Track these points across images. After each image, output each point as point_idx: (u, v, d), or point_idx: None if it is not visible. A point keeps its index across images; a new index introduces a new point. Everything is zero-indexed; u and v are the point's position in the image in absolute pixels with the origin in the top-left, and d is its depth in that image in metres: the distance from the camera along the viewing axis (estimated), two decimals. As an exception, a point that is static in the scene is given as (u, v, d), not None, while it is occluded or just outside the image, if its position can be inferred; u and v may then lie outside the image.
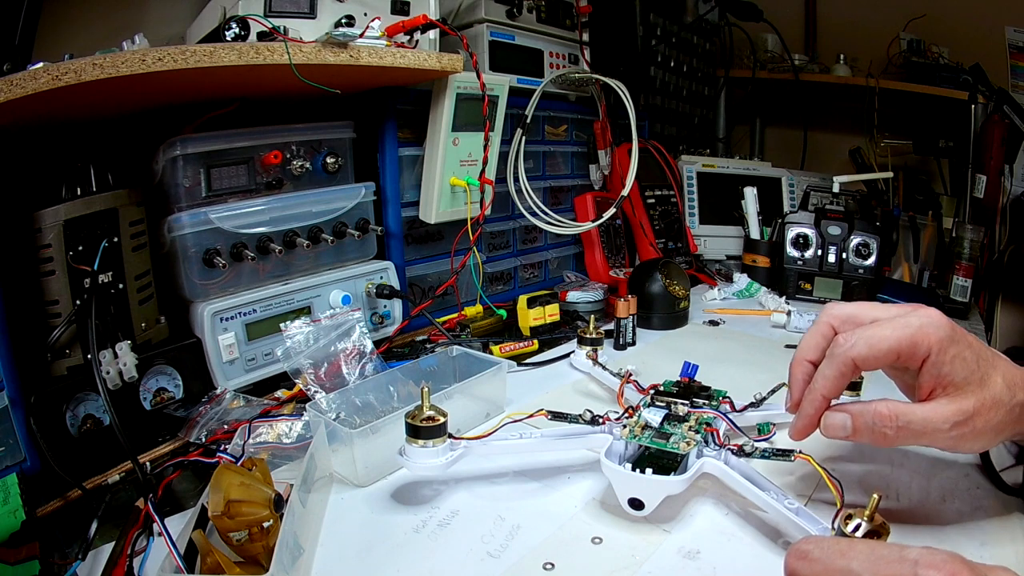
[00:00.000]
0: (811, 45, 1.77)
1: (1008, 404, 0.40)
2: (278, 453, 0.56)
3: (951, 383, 0.41)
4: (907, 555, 0.27)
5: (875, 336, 0.42)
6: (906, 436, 0.41)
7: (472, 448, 0.50)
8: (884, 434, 0.41)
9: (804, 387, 0.45)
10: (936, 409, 0.41)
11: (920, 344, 0.41)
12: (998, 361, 0.42)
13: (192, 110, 0.70)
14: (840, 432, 0.43)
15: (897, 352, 0.41)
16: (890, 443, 0.42)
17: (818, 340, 0.46)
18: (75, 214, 0.56)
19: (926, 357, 0.41)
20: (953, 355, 0.41)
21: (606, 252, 1.15)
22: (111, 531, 0.47)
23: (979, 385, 0.41)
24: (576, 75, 1.08)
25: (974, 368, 0.41)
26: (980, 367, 0.41)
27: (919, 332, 0.41)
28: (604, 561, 0.42)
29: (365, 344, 0.69)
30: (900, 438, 0.41)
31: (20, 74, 0.47)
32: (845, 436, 0.43)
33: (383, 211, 0.87)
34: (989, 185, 1.26)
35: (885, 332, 0.42)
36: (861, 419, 0.42)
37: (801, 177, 1.41)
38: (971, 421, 0.40)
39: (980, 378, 0.41)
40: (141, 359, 0.60)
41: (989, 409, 0.40)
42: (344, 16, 0.73)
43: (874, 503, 0.34)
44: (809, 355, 0.46)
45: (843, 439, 0.43)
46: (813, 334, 0.46)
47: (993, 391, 0.40)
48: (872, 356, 0.42)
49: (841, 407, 0.44)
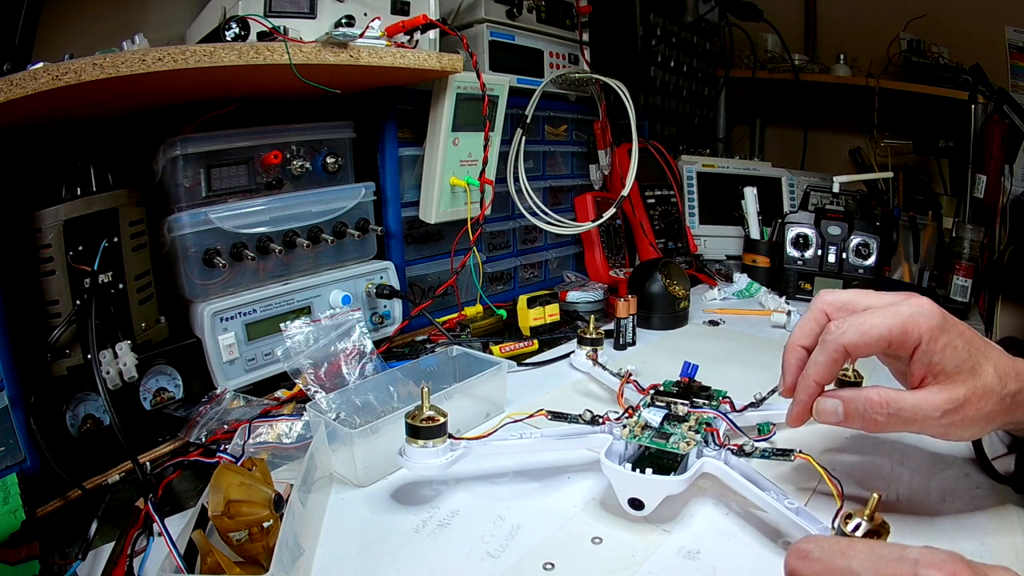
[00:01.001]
0: (811, 45, 1.77)
1: (999, 394, 0.41)
2: (278, 453, 0.56)
3: (942, 371, 0.41)
4: (907, 555, 0.27)
5: (866, 324, 0.43)
6: (896, 422, 0.42)
7: (472, 448, 0.50)
8: (875, 420, 0.42)
9: (797, 372, 0.46)
10: (927, 397, 0.41)
11: (910, 332, 0.41)
12: (990, 351, 0.42)
13: (192, 110, 0.70)
14: (832, 417, 0.44)
15: (888, 340, 0.42)
16: (880, 429, 0.43)
17: (811, 326, 0.46)
18: (75, 214, 0.56)
19: (917, 345, 0.41)
20: (944, 344, 0.41)
21: (606, 252, 1.15)
22: (111, 531, 0.47)
23: (970, 374, 0.41)
24: (576, 75, 1.08)
25: (965, 357, 0.41)
26: (972, 356, 0.41)
27: (910, 320, 0.42)
28: (604, 561, 0.42)
29: (365, 344, 0.69)
30: (891, 424, 0.42)
31: (20, 74, 0.47)
32: (836, 421, 0.44)
33: (383, 211, 0.87)
34: (989, 185, 1.26)
35: (876, 320, 0.43)
36: (852, 405, 0.43)
37: (801, 177, 1.41)
38: (962, 409, 0.41)
39: (972, 367, 0.41)
40: (141, 359, 0.60)
41: (980, 398, 0.41)
42: (344, 16, 0.73)
43: (874, 502, 0.34)
44: (802, 341, 0.46)
45: (835, 424, 0.44)
46: (807, 320, 0.47)
47: (984, 380, 0.41)
48: (863, 343, 0.42)
49: (833, 393, 0.44)
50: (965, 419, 0.41)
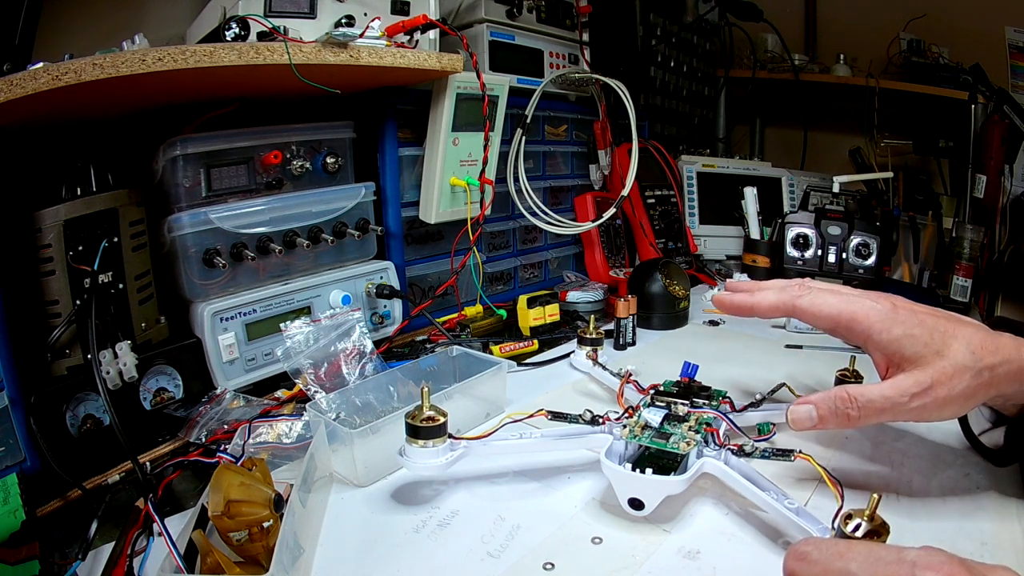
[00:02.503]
0: (811, 45, 1.76)
1: (974, 369, 0.41)
2: (278, 453, 0.56)
3: (903, 359, 0.42)
4: (905, 556, 0.27)
5: (821, 298, 0.46)
6: (870, 414, 0.43)
7: (472, 448, 0.50)
8: (848, 415, 0.43)
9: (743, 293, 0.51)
10: (893, 385, 0.42)
11: (859, 321, 0.43)
12: (961, 329, 0.43)
13: (192, 110, 0.70)
14: (807, 422, 0.45)
15: (835, 321, 0.45)
16: (856, 424, 0.44)
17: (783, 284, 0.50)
18: (75, 214, 0.56)
19: (867, 338, 0.43)
20: (898, 335, 0.42)
21: (606, 252, 1.15)
22: (111, 531, 0.47)
23: (936, 356, 0.42)
24: (576, 75, 1.08)
25: (927, 341, 0.42)
26: (935, 339, 0.42)
27: (861, 310, 0.44)
28: (604, 561, 0.42)
29: (365, 344, 0.69)
30: (866, 417, 0.43)
31: (20, 74, 0.47)
32: (813, 426, 0.45)
33: (383, 211, 0.87)
34: (989, 185, 1.26)
35: (832, 300, 0.45)
36: (824, 406, 0.44)
37: (801, 177, 1.41)
38: (931, 391, 0.41)
39: (936, 350, 0.42)
40: (141, 359, 0.60)
41: (951, 377, 0.41)
42: (344, 16, 0.73)
43: (874, 503, 0.34)
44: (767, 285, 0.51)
45: (812, 429, 0.45)
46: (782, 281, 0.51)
47: (954, 359, 0.41)
48: (811, 312, 0.46)
49: (804, 399, 0.46)
50: (938, 400, 0.41)
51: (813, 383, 0.72)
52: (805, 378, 0.74)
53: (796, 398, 0.60)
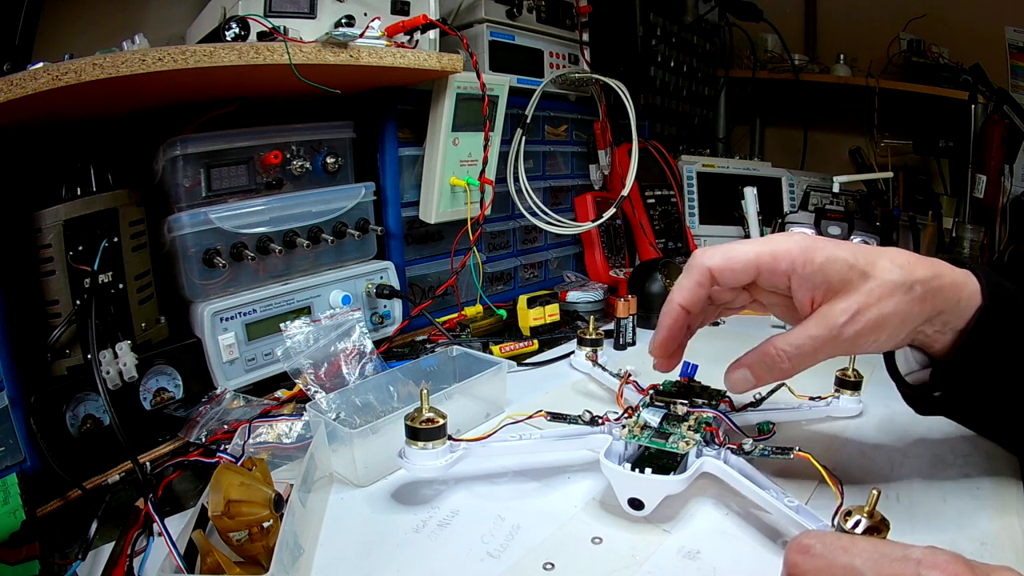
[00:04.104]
0: (811, 45, 1.76)
1: (905, 284, 0.39)
2: (278, 453, 0.56)
3: (829, 287, 0.40)
4: (910, 554, 0.27)
5: (733, 249, 0.42)
6: (804, 359, 0.40)
7: (472, 449, 0.50)
8: (782, 369, 0.41)
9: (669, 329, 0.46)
10: (819, 319, 0.40)
11: (781, 258, 0.40)
12: (885, 250, 0.41)
13: (192, 110, 0.70)
14: (745, 384, 0.43)
15: (756, 265, 0.41)
16: (792, 372, 0.41)
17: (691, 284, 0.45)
18: (75, 214, 0.56)
19: (792, 272, 0.40)
20: (822, 261, 0.39)
21: (606, 252, 1.15)
22: (111, 531, 0.47)
23: (862, 277, 0.39)
24: (576, 75, 1.08)
25: (852, 264, 0.39)
26: (859, 261, 0.39)
27: (780, 247, 0.41)
28: (604, 561, 0.42)
29: (365, 344, 0.69)
30: (801, 363, 0.41)
31: (20, 74, 0.47)
32: (751, 386, 0.43)
33: (383, 211, 0.87)
34: (989, 185, 1.26)
35: (745, 247, 0.42)
36: (756, 366, 0.42)
37: (801, 177, 1.41)
38: (861, 315, 0.39)
39: (862, 271, 0.39)
40: (141, 359, 0.60)
41: (880, 297, 0.39)
42: (344, 16, 0.73)
43: (873, 499, 0.34)
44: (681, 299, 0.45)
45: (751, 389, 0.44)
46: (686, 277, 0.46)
47: (882, 277, 0.39)
48: (728, 268, 0.42)
49: (737, 363, 0.44)
50: (871, 323, 0.39)
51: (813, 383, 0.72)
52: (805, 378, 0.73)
53: (796, 398, 0.61)
